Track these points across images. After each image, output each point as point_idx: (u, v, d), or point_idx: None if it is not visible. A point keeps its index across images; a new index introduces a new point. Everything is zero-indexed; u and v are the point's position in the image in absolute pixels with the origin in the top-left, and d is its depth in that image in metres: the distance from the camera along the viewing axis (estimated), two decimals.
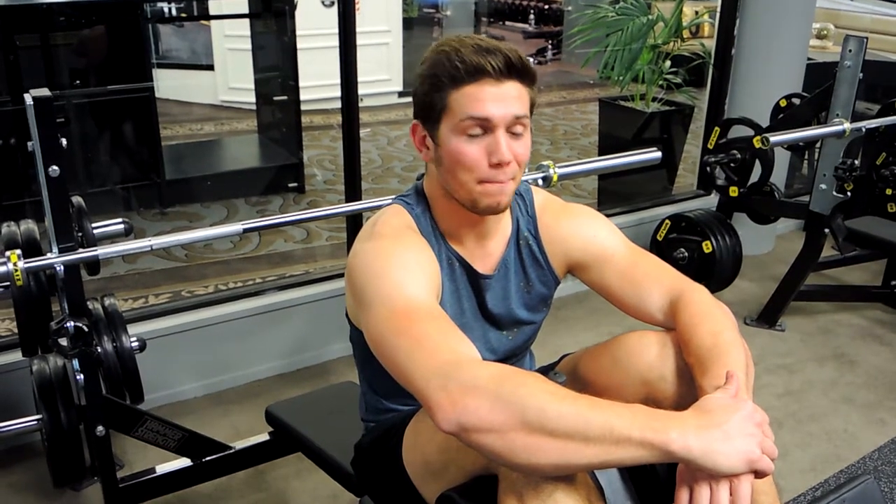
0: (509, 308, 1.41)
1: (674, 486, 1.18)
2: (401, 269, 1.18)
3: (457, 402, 0.98)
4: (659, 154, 2.10)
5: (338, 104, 2.67)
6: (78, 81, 3.79)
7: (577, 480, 1.09)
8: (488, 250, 1.37)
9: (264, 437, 2.00)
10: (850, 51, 2.79)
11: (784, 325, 3.09)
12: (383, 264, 1.19)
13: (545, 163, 1.99)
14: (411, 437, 1.30)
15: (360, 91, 2.66)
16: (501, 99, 1.20)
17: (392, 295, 1.15)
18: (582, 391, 1.34)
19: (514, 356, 1.47)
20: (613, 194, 4.12)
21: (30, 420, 1.86)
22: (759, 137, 2.95)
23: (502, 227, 1.39)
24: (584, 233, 1.42)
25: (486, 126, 1.21)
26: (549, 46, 8.04)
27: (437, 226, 1.34)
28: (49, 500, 2.09)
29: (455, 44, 1.22)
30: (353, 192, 2.74)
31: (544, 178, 1.93)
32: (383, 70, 6.13)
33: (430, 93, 1.23)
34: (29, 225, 1.83)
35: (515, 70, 1.21)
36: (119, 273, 3.34)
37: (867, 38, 2.80)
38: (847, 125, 2.78)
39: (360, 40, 2.60)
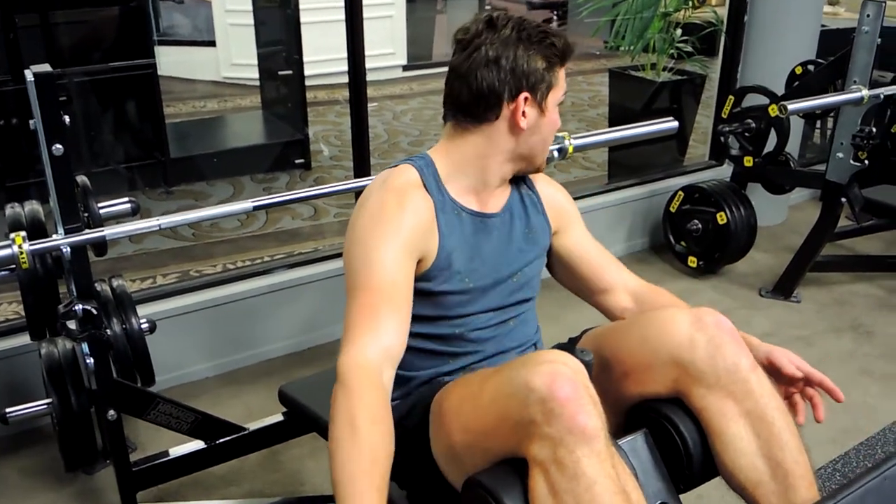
0: (514, 248, 1.45)
1: (702, 463, 1.15)
2: (385, 241, 1.28)
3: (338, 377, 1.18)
4: (676, 123, 2.05)
5: (342, 78, 2.62)
6: (79, 60, 3.73)
7: (603, 452, 1.07)
8: (494, 199, 1.46)
9: (278, 417, 1.97)
10: (868, 16, 2.72)
11: (799, 296, 3.04)
12: (373, 231, 1.30)
13: (560, 134, 1.94)
14: (436, 418, 1.27)
15: (365, 65, 2.61)
16: None
17: (365, 267, 1.28)
18: (606, 370, 1.32)
19: (520, 302, 1.47)
20: (624, 166, 4.06)
21: (40, 404, 1.83)
22: (775, 105, 2.89)
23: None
24: (568, 202, 1.59)
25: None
26: (555, 17, 7.91)
27: (442, 184, 1.40)
28: (61, 484, 2.07)
29: (542, 26, 1.38)
30: (362, 168, 2.69)
31: (560, 150, 1.87)
32: (387, 44, 6.04)
33: (549, 69, 1.37)
34: (33, 206, 1.79)
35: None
36: (126, 253, 3.31)
37: (885, 2, 2.73)
38: (865, 92, 2.71)
39: (363, 13, 2.54)
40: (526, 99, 1.35)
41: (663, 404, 1.27)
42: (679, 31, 4.03)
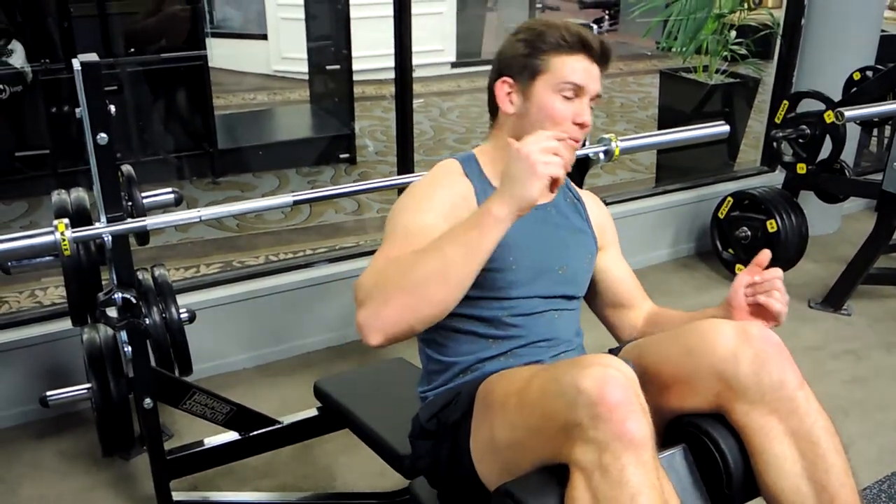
0: (559, 241, 1.47)
1: (742, 482, 1.10)
2: (418, 208, 1.35)
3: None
4: (727, 128, 1.99)
5: (390, 74, 2.61)
6: (132, 49, 3.79)
7: (649, 462, 1.04)
8: None
9: (312, 412, 1.97)
10: None
11: (850, 309, 2.95)
12: (407, 205, 1.38)
13: (606, 136, 1.90)
14: (480, 409, 1.26)
15: (413, 61, 2.60)
16: (593, 76, 1.41)
17: (394, 230, 1.34)
18: (646, 383, 1.28)
19: (566, 297, 1.47)
20: (672, 169, 3.99)
21: (80, 389, 1.86)
22: (831, 112, 2.80)
23: None
24: (610, 222, 1.63)
25: (578, 92, 1.39)
26: (606, 17, 7.83)
27: (485, 175, 1.46)
28: (98, 468, 2.10)
29: (560, 22, 1.42)
30: (405, 164, 2.69)
31: (606, 152, 1.84)
32: (437, 40, 6.03)
33: (532, 55, 1.40)
34: (79, 193, 1.81)
35: (605, 59, 1.42)
36: (171, 242, 3.35)
37: None
38: None
39: (413, 9, 2.53)
40: (504, 82, 1.43)
41: (704, 419, 1.22)
42: (733, 33, 3.94)
